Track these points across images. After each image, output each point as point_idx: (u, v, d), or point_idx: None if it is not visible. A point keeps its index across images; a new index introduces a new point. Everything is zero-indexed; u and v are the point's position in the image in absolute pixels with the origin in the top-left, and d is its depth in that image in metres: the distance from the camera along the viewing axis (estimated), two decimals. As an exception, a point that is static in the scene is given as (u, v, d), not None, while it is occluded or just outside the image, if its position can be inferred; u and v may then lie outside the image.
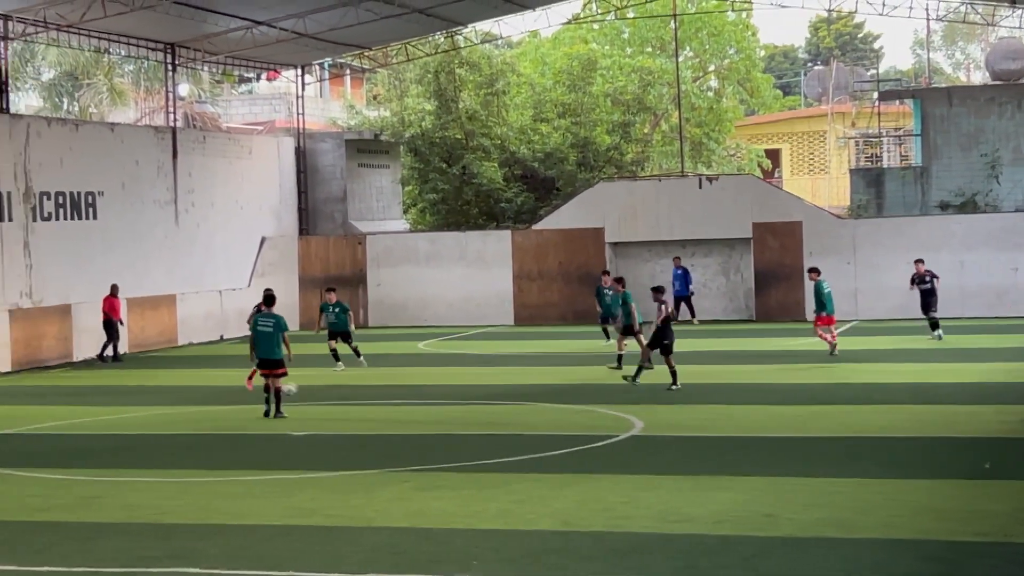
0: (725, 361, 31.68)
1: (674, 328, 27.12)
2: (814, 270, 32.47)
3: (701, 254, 43.59)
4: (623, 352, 29.81)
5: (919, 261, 35.95)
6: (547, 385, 28.01)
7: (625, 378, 27.22)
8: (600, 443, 20.32)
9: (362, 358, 31.93)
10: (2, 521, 15.86)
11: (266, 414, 23.95)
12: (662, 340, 26.64)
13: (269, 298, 24.95)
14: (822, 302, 31.43)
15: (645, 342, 27.39)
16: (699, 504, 15.51)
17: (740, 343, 35.95)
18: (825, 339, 31.52)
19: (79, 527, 15.37)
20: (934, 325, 34.67)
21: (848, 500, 15.56)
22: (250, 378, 25.80)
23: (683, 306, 41.53)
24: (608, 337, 35.61)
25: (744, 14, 63.46)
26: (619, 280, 32.01)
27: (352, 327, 32.41)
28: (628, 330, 29.55)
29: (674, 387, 26.11)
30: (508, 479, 17.46)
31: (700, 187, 43.74)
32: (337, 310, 32.00)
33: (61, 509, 16.51)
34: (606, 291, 35.12)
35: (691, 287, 42.27)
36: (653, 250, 44.01)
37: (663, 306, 26.85)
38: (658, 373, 26.69)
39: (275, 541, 14.38)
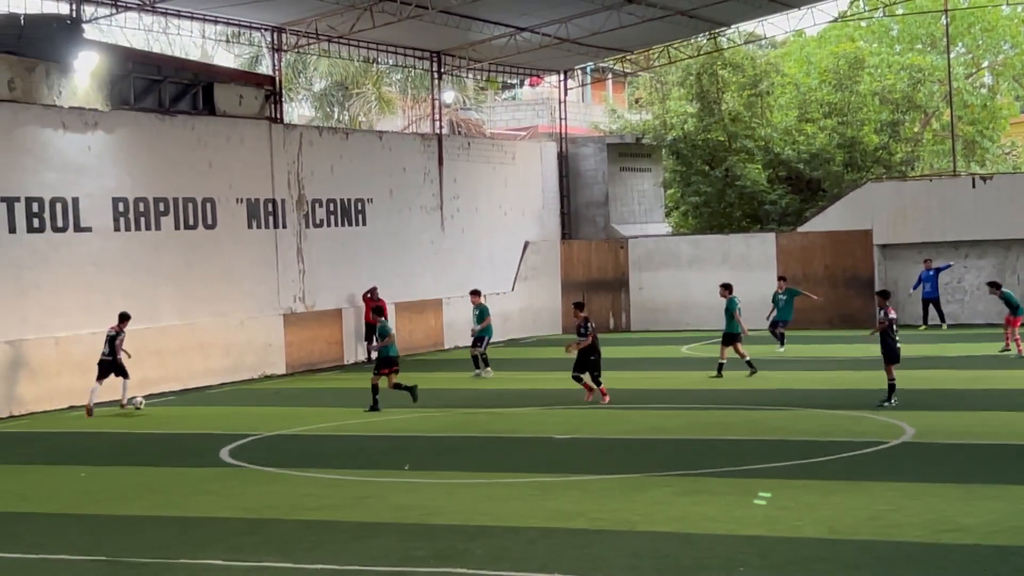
0: (998, 366, 30.59)
1: (900, 334, 25.49)
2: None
3: (975, 256, 42.21)
4: (723, 361, 30.27)
5: None
6: (815, 390, 27.52)
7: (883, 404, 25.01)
8: (869, 449, 19.85)
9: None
10: (277, 519, 16.36)
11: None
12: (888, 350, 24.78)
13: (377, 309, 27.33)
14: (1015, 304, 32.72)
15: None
16: (971, 513, 15.00)
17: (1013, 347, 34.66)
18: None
19: (349, 526, 15.73)
20: None
21: None
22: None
23: (931, 309, 40.53)
24: (781, 343, 36.44)
25: (1020, 8, 61.31)
26: (725, 286, 31.56)
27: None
28: (729, 339, 30.06)
29: (887, 403, 24.40)
30: (773, 485, 17.18)
31: (973, 187, 42.39)
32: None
33: (332, 508, 16.92)
34: (780, 296, 36.80)
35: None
36: (924, 252, 42.80)
37: (884, 312, 24.94)
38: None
39: (538, 543, 14.45)
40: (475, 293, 34.92)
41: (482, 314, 34.04)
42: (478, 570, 13.33)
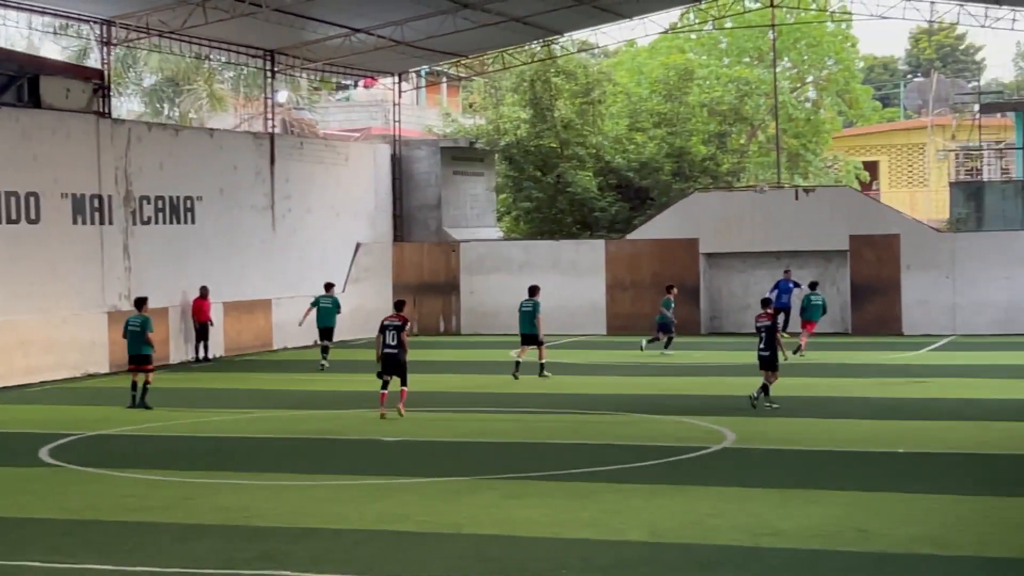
0: (819, 374, 31.37)
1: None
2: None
3: (796, 266, 43.14)
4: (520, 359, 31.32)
5: None
6: (639, 395, 27.91)
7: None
8: (691, 454, 20.20)
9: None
10: (98, 520, 16.09)
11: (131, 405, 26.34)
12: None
13: (140, 301, 27.99)
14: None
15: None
16: (790, 518, 15.36)
17: (835, 356, 35.58)
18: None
19: (172, 528, 15.54)
20: None
21: (943, 516, 15.35)
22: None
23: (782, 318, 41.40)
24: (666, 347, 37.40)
25: (843, 25, 62.90)
26: (532, 289, 32.51)
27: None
28: (530, 340, 31.23)
29: (766, 404, 25.10)
30: (598, 489, 17.40)
31: (797, 199, 43.40)
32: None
33: (155, 509, 16.69)
34: (670, 302, 37.94)
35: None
36: (748, 261, 43.72)
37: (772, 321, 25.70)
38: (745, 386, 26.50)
39: (363, 546, 14.45)
40: (328, 286, 36.51)
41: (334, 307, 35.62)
42: (301, 572, 13.27)
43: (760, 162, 57.57)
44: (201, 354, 37.48)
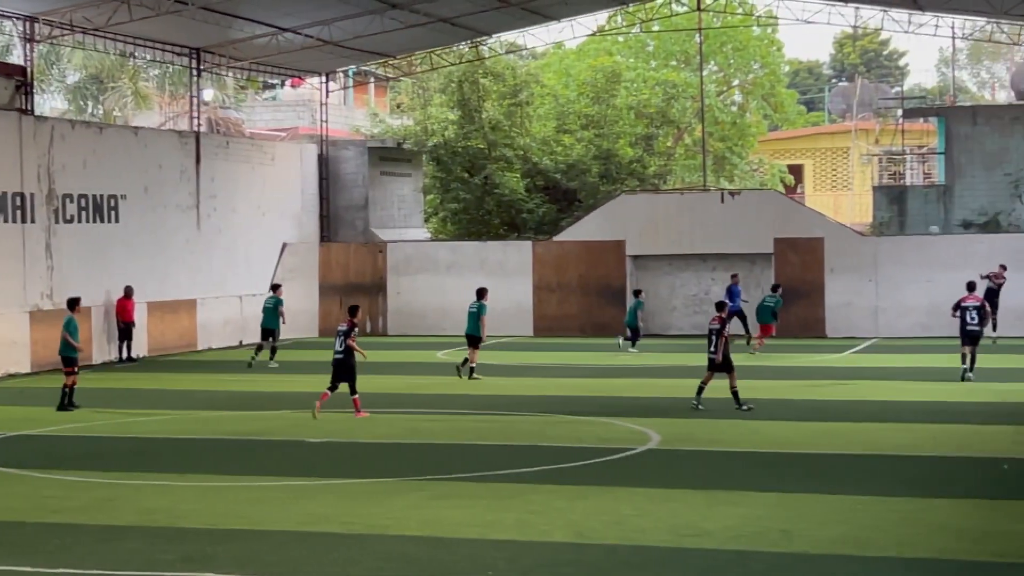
0: (743, 376, 31.46)
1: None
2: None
3: (722, 268, 43.46)
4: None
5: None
6: (565, 397, 27.98)
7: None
8: (616, 456, 20.28)
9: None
10: (18, 522, 15.90)
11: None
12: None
13: (72, 301, 27.65)
14: None
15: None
16: (714, 519, 15.46)
17: (759, 358, 35.83)
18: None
19: (94, 529, 15.40)
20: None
21: (864, 518, 15.50)
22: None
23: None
24: (633, 344, 38.19)
25: (769, 29, 63.39)
26: (479, 291, 32.88)
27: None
28: (475, 341, 31.52)
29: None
30: (524, 490, 17.43)
31: (722, 201, 43.67)
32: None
33: (77, 511, 16.53)
34: (639, 303, 38.80)
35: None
36: (674, 263, 43.94)
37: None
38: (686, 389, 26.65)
39: (288, 547, 14.37)
40: (274, 287, 37.38)
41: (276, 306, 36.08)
42: (224, 574, 13.19)
43: (686, 165, 57.87)
44: (124, 354, 37.15)
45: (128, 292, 37.06)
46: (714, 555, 13.80)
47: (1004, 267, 38.59)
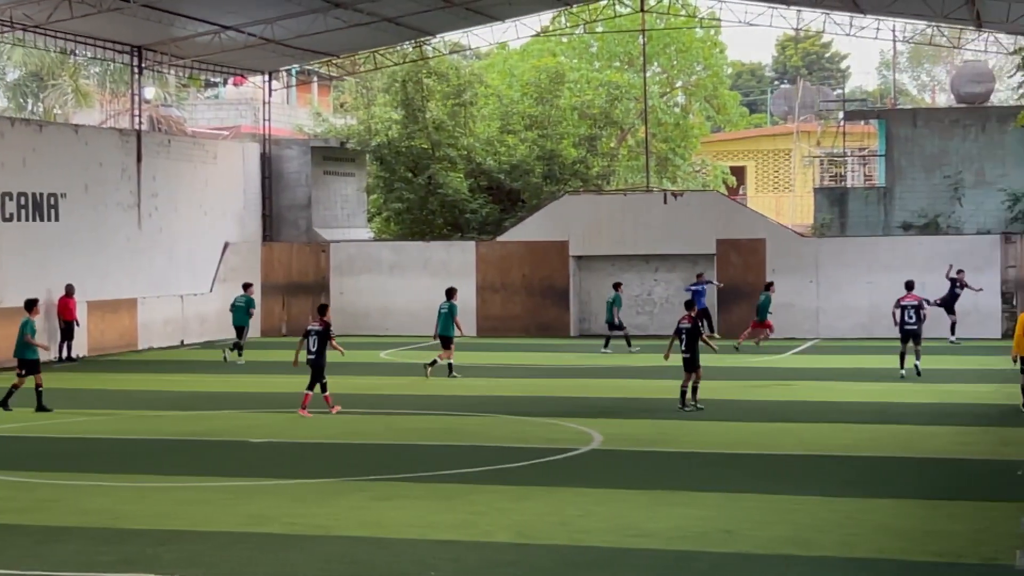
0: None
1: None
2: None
3: (665, 269, 43.66)
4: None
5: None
6: (508, 397, 27.98)
7: None
8: (560, 456, 20.29)
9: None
10: (-46, 523, 15.72)
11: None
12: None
13: (29, 303, 26.92)
14: None
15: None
16: (657, 519, 15.49)
17: (701, 359, 35.84)
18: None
19: (33, 530, 15.23)
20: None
21: (807, 518, 15.58)
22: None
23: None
24: (606, 345, 38.52)
25: (712, 31, 63.67)
26: (449, 291, 32.94)
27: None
28: (448, 341, 31.60)
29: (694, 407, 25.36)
30: (467, 490, 17.41)
31: (665, 202, 43.82)
32: None
33: (15, 512, 16.35)
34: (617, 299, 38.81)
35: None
36: (617, 264, 44.05)
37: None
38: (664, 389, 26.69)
39: (230, 548, 14.28)
40: (245, 286, 38.38)
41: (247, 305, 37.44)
42: (166, 575, 13.12)
43: (630, 166, 58.06)
44: (65, 354, 36.82)
45: (69, 291, 36.77)
46: (658, 555, 13.84)
47: (961, 271, 39.54)
